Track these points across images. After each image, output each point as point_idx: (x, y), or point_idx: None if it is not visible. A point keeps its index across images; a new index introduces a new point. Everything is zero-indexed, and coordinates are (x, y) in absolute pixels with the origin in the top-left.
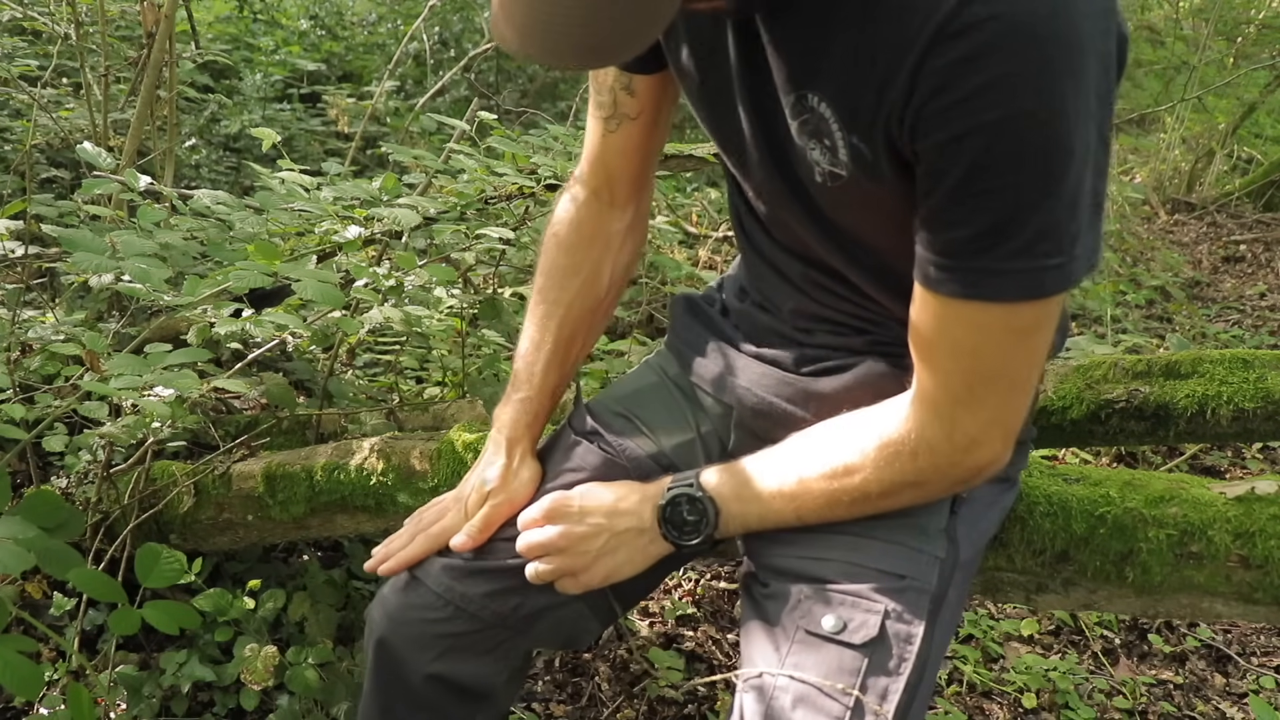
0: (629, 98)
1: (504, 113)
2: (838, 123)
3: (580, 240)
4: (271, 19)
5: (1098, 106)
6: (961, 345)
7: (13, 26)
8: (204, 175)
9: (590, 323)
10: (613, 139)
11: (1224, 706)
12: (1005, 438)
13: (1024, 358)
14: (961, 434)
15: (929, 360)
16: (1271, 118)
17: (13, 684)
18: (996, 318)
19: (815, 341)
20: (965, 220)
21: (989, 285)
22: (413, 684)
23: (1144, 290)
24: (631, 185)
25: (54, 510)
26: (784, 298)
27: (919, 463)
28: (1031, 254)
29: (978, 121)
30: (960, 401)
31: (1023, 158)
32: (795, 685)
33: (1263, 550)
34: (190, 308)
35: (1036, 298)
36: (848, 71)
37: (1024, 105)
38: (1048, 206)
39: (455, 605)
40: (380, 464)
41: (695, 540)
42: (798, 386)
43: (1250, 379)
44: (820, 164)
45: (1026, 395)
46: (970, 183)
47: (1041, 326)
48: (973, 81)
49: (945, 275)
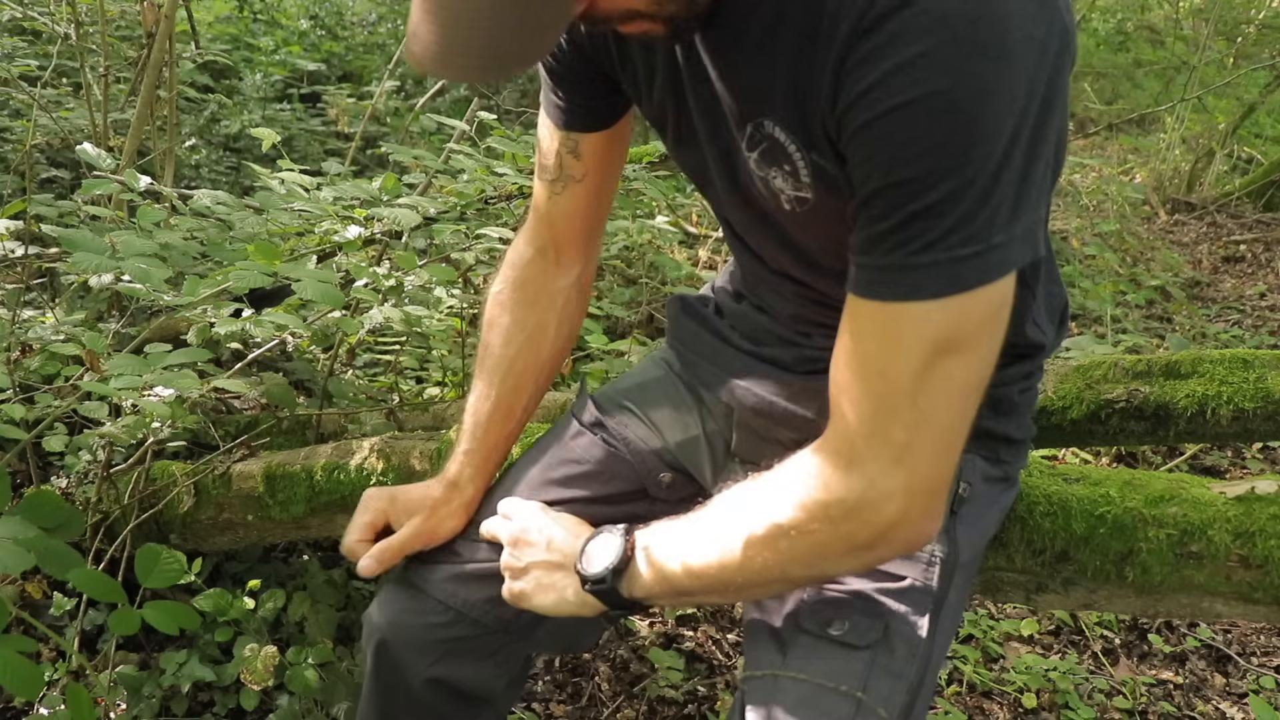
0: (574, 160)
1: (504, 113)
2: (794, 144)
3: (524, 299)
4: (271, 19)
5: (1025, 93)
6: (870, 363)
7: (13, 26)
8: (204, 175)
9: (535, 379)
10: (558, 201)
11: (1224, 706)
12: (912, 493)
13: (940, 384)
14: (859, 477)
15: (839, 386)
16: (1271, 118)
17: (13, 684)
18: (910, 322)
19: (815, 344)
20: (882, 214)
21: (900, 281)
22: (413, 688)
23: (1144, 290)
24: (577, 246)
25: (54, 510)
26: (780, 304)
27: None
28: (946, 245)
29: (889, 105)
30: (862, 435)
31: (934, 141)
32: (797, 686)
33: (1263, 550)
34: (190, 308)
35: (950, 292)
36: (794, 91)
37: (934, 86)
38: (963, 192)
39: (457, 610)
40: (380, 464)
41: (595, 571)
42: (798, 385)
43: (1250, 379)
44: (784, 191)
45: (942, 440)
46: (884, 172)
47: (961, 343)
48: (883, 66)
49: (860, 275)
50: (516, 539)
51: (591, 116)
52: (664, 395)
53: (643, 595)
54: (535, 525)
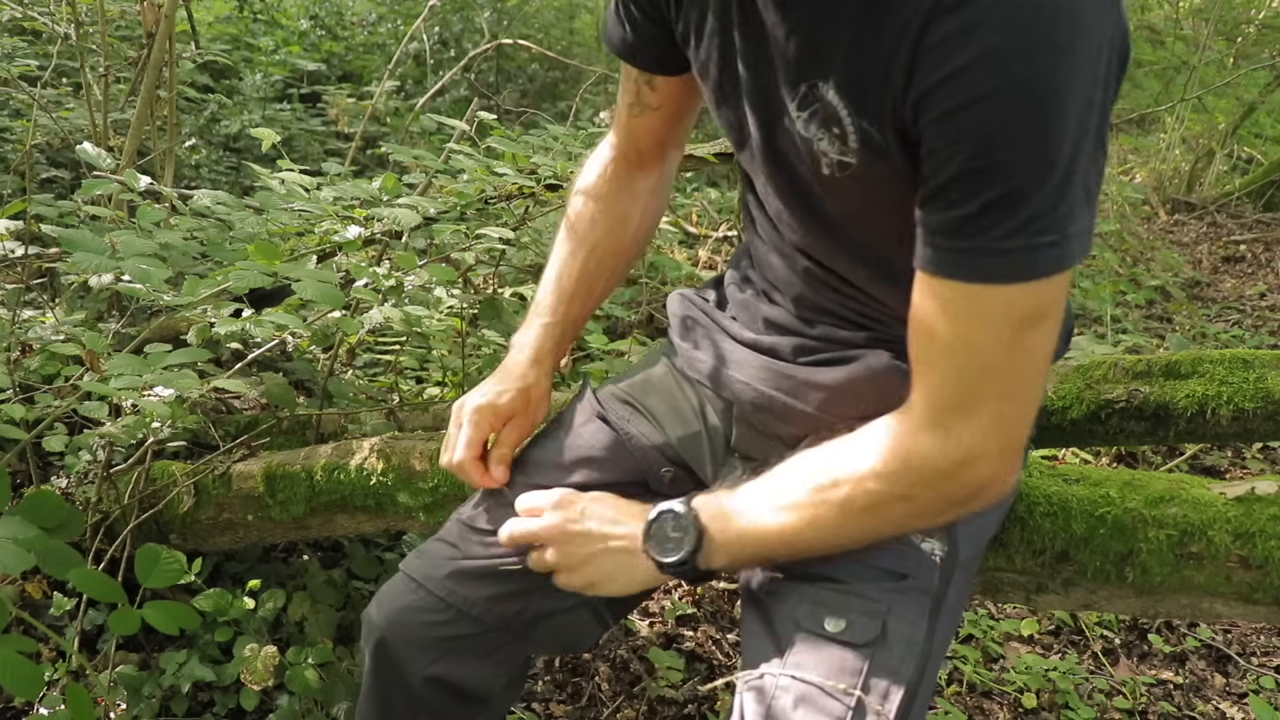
0: (650, 91)
1: (504, 113)
2: (847, 109)
3: (610, 190)
4: (271, 19)
5: (1093, 88)
6: (958, 339)
7: (13, 26)
8: (204, 175)
9: (614, 264)
10: (637, 121)
11: (1224, 706)
12: (1004, 452)
13: (1023, 357)
14: (955, 444)
15: (925, 360)
16: (1271, 118)
17: (13, 684)
18: (994, 303)
19: (816, 333)
20: (962, 199)
21: (986, 266)
22: (412, 686)
23: (1144, 290)
24: (656, 154)
25: (54, 510)
26: (788, 285)
27: (910, 476)
28: (1026, 232)
29: (972, 95)
30: (955, 405)
31: (1017, 131)
32: (797, 685)
33: (1263, 550)
34: (190, 308)
35: (1031, 278)
36: (856, 57)
37: (1017, 77)
38: (1042, 181)
39: (457, 608)
40: (380, 464)
41: (674, 557)
42: (798, 379)
43: (1250, 379)
44: (828, 154)
45: (1028, 406)
46: (971, 158)
47: (1040, 320)
48: (965, 54)
49: (942, 257)
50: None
51: (664, 61)
52: (666, 390)
53: (723, 565)
54: (578, 513)
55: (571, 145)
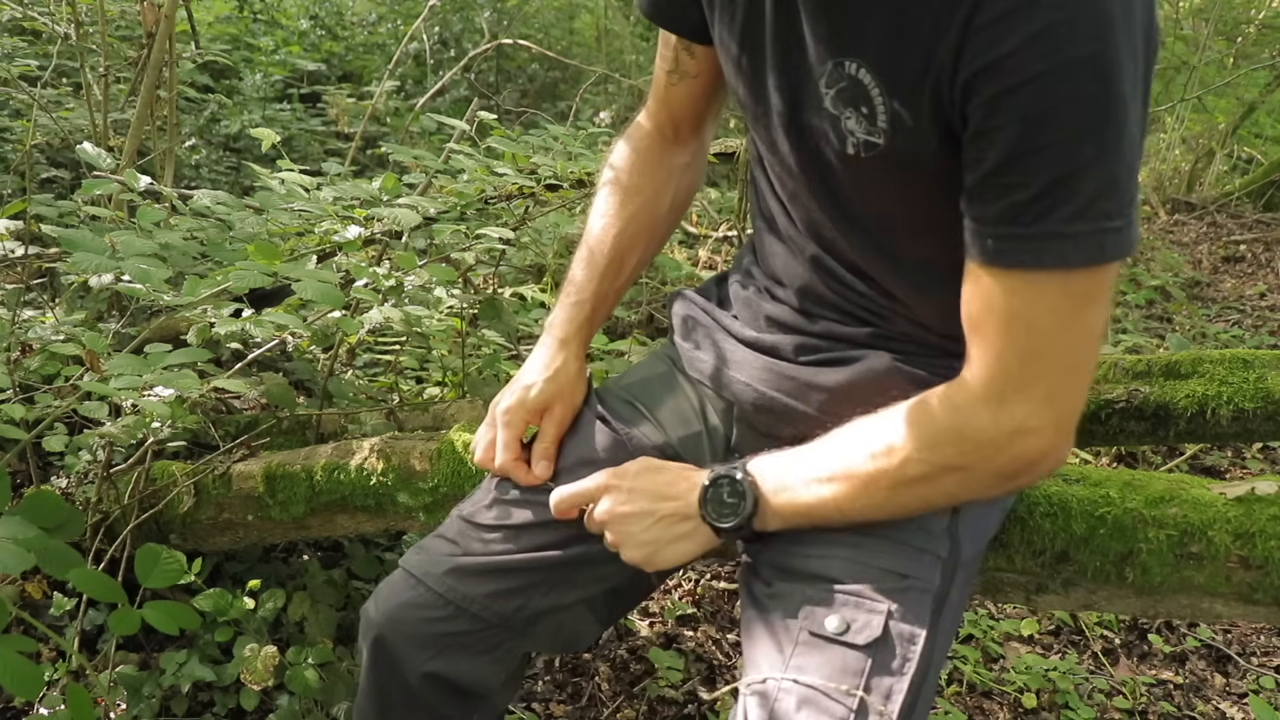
0: (689, 58)
1: (504, 113)
2: (879, 88)
3: (644, 165)
4: (271, 19)
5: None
6: (1017, 318)
7: (13, 26)
8: (204, 175)
9: (648, 239)
10: (675, 90)
11: (1224, 706)
12: (1059, 425)
13: (1079, 333)
14: (1009, 417)
15: (981, 338)
16: (1271, 118)
17: (13, 684)
18: (1055, 286)
19: (817, 329)
20: (1023, 181)
21: (1052, 251)
22: (409, 683)
23: (1144, 290)
24: (692, 127)
25: (54, 510)
26: (792, 276)
27: (964, 446)
28: (1093, 214)
29: (1032, 71)
30: (1011, 380)
31: (1079, 107)
32: (799, 687)
33: (1263, 550)
34: (190, 308)
35: (1098, 262)
36: (892, 35)
37: (1079, 52)
38: (1107, 159)
39: (456, 605)
40: (380, 464)
41: (732, 523)
42: (799, 380)
43: (1250, 379)
44: (855, 133)
45: (1082, 379)
46: (1028, 138)
47: (1097, 298)
48: (1024, 30)
49: (1005, 245)
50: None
51: (696, 29)
52: (666, 391)
53: (778, 527)
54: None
55: (571, 145)
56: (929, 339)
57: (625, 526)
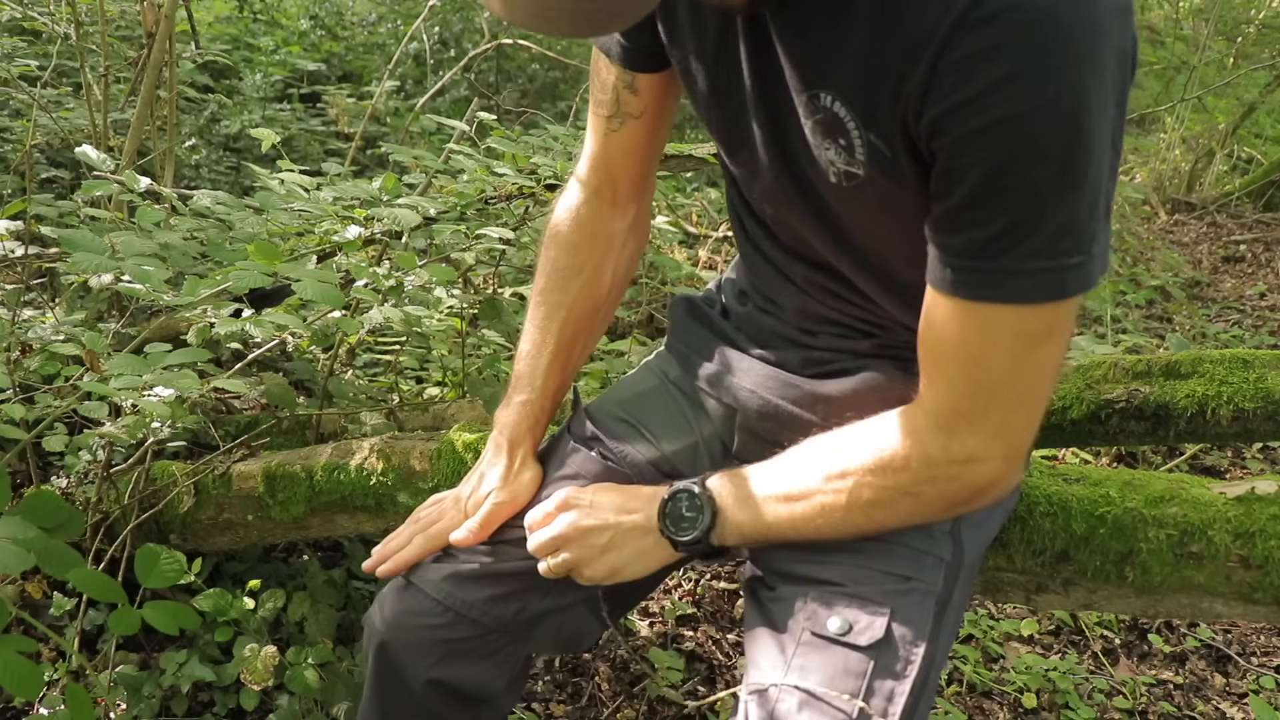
0: (632, 96)
1: (504, 113)
2: (854, 121)
3: (582, 240)
4: (271, 19)
5: (1112, 102)
6: (971, 352)
7: (13, 26)
8: (204, 175)
9: (592, 323)
10: (615, 138)
11: (1224, 706)
12: (1008, 456)
13: (1034, 369)
14: (960, 447)
15: (934, 367)
16: (1271, 118)
17: (12, 684)
18: (1010, 322)
19: (820, 344)
20: (986, 219)
21: (1010, 286)
22: (413, 689)
23: (1144, 290)
24: (634, 185)
25: (54, 510)
26: (787, 298)
27: (916, 473)
28: (1053, 252)
29: (1000, 114)
30: (962, 412)
31: (1046, 151)
32: (801, 688)
33: (1263, 550)
34: (190, 308)
35: (1057, 298)
36: (863, 70)
37: (1046, 96)
38: (1070, 201)
39: (456, 611)
40: (380, 464)
41: (690, 535)
42: (803, 389)
43: (1250, 379)
44: (835, 164)
45: (1034, 412)
46: (992, 179)
47: (1054, 334)
48: (993, 73)
49: (963, 277)
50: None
51: (651, 57)
52: (659, 404)
53: (734, 544)
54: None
55: (571, 145)
56: None
57: (589, 540)
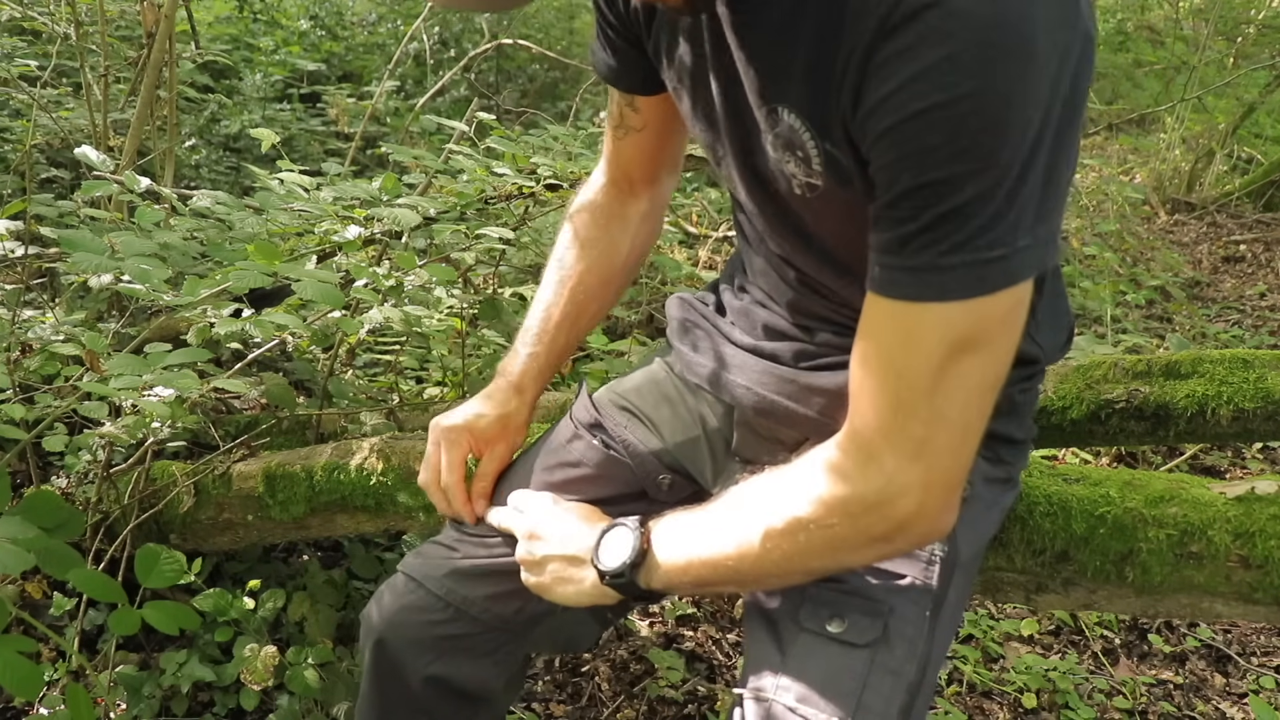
0: (633, 113)
1: (504, 113)
2: (809, 132)
3: (598, 218)
4: (271, 19)
5: (1048, 97)
6: (891, 359)
7: (13, 26)
8: (204, 175)
9: (603, 293)
10: (623, 144)
11: (1224, 706)
12: (929, 486)
13: (957, 383)
14: (877, 471)
15: (858, 384)
16: (1271, 118)
17: (12, 684)
18: (931, 323)
19: (817, 340)
20: (910, 215)
21: (931, 283)
22: (411, 686)
23: (1144, 290)
24: (645, 178)
25: (54, 510)
26: (780, 294)
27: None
28: (973, 247)
29: (915, 108)
30: (883, 434)
31: (963, 144)
32: (798, 686)
33: (1263, 550)
34: (190, 308)
35: (978, 293)
36: (812, 82)
37: (961, 89)
38: (989, 195)
39: (456, 607)
40: (380, 464)
41: (610, 566)
42: (800, 383)
43: (1250, 379)
44: (797, 176)
45: (958, 436)
46: (913, 174)
47: (981, 345)
48: (910, 69)
49: (888, 275)
50: (531, 532)
51: (645, 82)
52: (663, 396)
53: (661, 586)
54: (548, 518)
55: (571, 145)
56: None
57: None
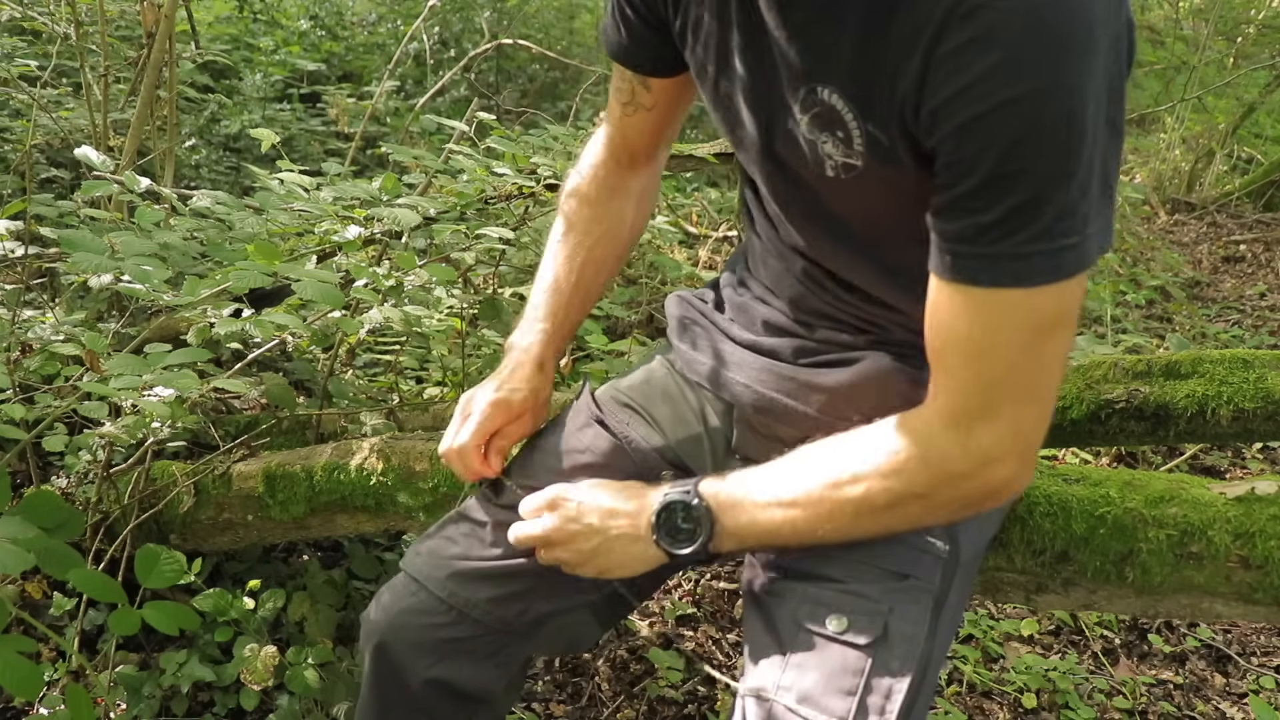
0: (645, 91)
1: (504, 113)
2: (852, 113)
3: (600, 194)
4: (271, 19)
5: (1107, 86)
6: (977, 344)
7: (13, 26)
8: (204, 175)
9: (610, 266)
10: (630, 120)
11: (1224, 706)
12: (1022, 455)
13: (1042, 362)
14: (976, 447)
15: (943, 363)
16: (1271, 118)
17: (12, 684)
18: (1014, 308)
19: (816, 336)
20: (986, 206)
21: (1010, 270)
22: (412, 688)
23: (1144, 290)
24: (647, 153)
25: (54, 510)
26: (784, 288)
27: (929, 475)
28: (1050, 236)
29: (993, 102)
30: (976, 411)
31: (1041, 136)
32: (799, 686)
33: (1263, 550)
34: (190, 308)
35: (1054, 280)
36: (859, 63)
37: (1038, 82)
38: (1065, 185)
39: (459, 610)
40: (380, 464)
41: (688, 550)
42: (799, 380)
43: (1250, 379)
44: (833, 156)
45: (1044, 409)
46: (990, 168)
47: (1058, 324)
48: (984, 62)
49: (963, 264)
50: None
51: (658, 63)
52: (665, 393)
53: (730, 550)
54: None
55: (571, 145)
56: None
57: (574, 544)
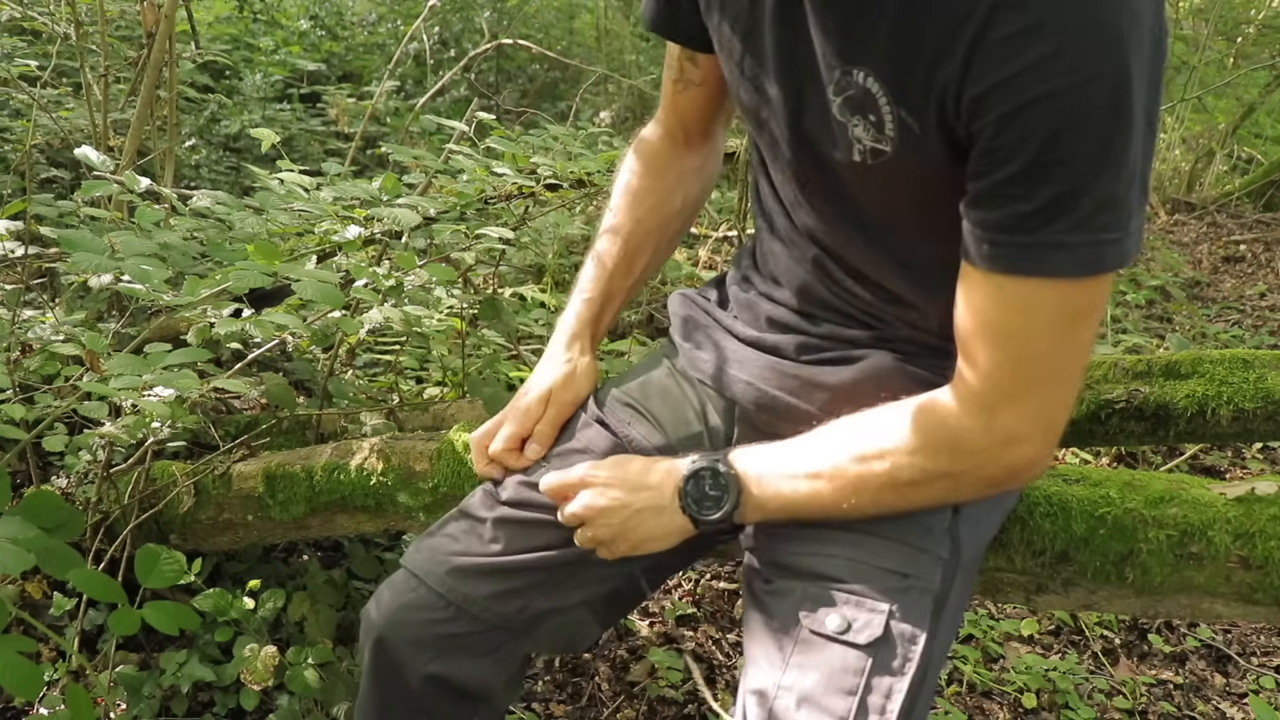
0: (693, 67)
1: (504, 113)
2: (886, 97)
3: (653, 169)
4: (271, 19)
5: (1149, 83)
6: (1010, 330)
7: (13, 26)
8: (204, 175)
9: (658, 240)
10: (682, 98)
11: (1224, 706)
12: (1047, 436)
13: (1072, 349)
14: (1002, 428)
15: (974, 347)
16: (1271, 118)
17: (12, 684)
18: (1050, 297)
19: (819, 331)
20: (1027, 194)
21: (1050, 260)
22: (411, 684)
23: (1144, 290)
24: (701, 131)
25: (54, 510)
26: (792, 278)
27: (955, 454)
28: (1091, 227)
29: (1043, 91)
30: (1004, 393)
31: (1088, 127)
32: (799, 686)
33: (1263, 551)
34: (190, 308)
35: (1094, 273)
36: (897, 47)
37: (1091, 71)
38: (1110, 176)
39: (458, 606)
40: (380, 464)
41: (714, 515)
42: (801, 378)
43: (1250, 379)
44: (862, 140)
45: (1070, 393)
46: (1035, 157)
47: (1090, 313)
48: (1036, 50)
49: (1002, 251)
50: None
51: (699, 37)
52: (666, 392)
53: (755, 520)
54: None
55: (571, 145)
56: (930, 341)
57: (604, 519)
